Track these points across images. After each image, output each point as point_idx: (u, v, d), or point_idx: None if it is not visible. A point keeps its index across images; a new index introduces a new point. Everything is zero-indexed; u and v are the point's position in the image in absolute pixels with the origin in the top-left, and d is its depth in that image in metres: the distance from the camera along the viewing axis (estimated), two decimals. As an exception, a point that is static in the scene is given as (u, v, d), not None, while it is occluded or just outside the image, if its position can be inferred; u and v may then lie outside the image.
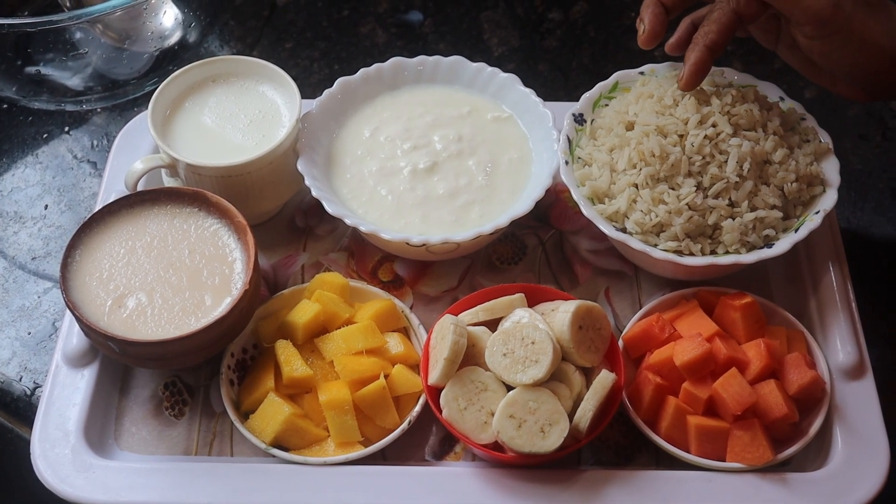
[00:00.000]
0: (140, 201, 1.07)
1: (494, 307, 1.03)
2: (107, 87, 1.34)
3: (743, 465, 0.97)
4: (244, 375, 1.05)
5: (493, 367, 0.96)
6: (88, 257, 1.03)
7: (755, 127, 1.06)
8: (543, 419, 0.94)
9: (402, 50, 1.42)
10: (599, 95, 1.16)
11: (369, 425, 1.00)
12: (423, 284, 1.14)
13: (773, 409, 0.97)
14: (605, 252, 1.16)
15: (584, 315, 0.98)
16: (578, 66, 1.42)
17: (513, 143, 1.17)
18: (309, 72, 1.41)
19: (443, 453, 1.02)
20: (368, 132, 1.18)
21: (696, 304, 1.05)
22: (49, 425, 1.01)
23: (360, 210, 1.12)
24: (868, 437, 0.99)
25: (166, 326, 0.99)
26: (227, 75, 1.18)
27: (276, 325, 1.06)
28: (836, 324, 1.06)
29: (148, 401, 1.06)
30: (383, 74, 1.21)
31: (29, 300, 1.18)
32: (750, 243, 1.04)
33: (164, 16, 1.35)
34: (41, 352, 1.14)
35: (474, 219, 1.11)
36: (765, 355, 0.99)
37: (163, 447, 1.03)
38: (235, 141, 1.14)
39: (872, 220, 1.24)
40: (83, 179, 1.30)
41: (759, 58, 1.41)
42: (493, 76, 1.20)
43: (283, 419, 0.98)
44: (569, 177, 1.09)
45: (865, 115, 1.35)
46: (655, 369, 1.00)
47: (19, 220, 1.26)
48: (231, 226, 1.05)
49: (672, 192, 1.04)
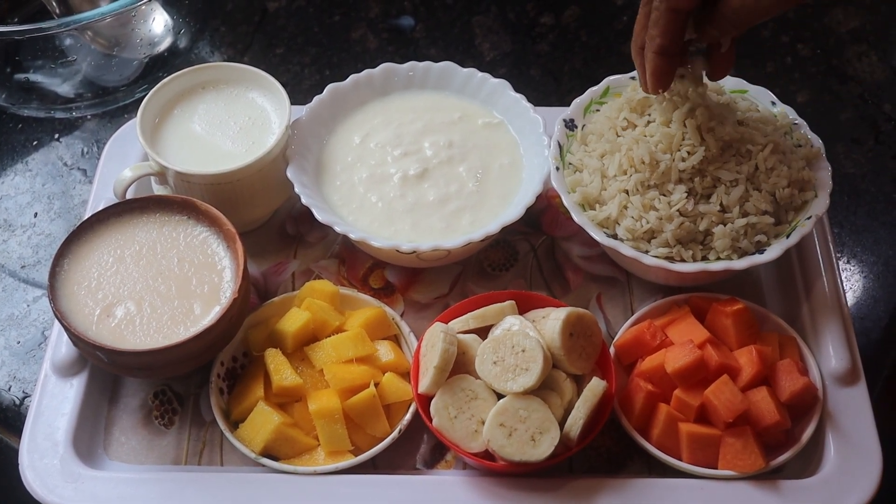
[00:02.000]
0: (129, 209, 1.07)
1: (485, 315, 1.02)
2: (97, 94, 1.34)
3: (735, 473, 0.96)
4: (234, 384, 1.05)
5: (484, 376, 0.96)
6: (77, 266, 1.03)
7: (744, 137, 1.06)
8: (534, 427, 0.93)
9: (394, 55, 1.42)
10: (590, 101, 1.16)
11: (359, 434, 1.00)
12: (414, 291, 1.13)
13: (764, 416, 0.96)
14: (597, 258, 1.16)
15: (575, 322, 0.98)
16: (570, 71, 1.41)
17: (504, 149, 1.17)
18: (300, 77, 1.41)
19: (434, 462, 1.02)
20: (359, 139, 1.18)
21: (687, 311, 1.05)
22: (38, 435, 1.00)
23: (351, 217, 1.12)
24: (861, 444, 0.98)
25: (155, 336, 0.99)
26: (217, 82, 1.18)
27: (266, 333, 1.05)
28: (828, 330, 1.05)
29: (137, 410, 1.05)
30: (374, 80, 1.21)
31: (18, 309, 1.18)
32: (741, 249, 1.04)
33: (154, 22, 1.35)
34: (30, 361, 1.13)
35: (465, 225, 1.10)
36: (756, 362, 0.99)
37: (152, 457, 1.02)
38: (225, 148, 1.13)
39: (865, 225, 1.24)
40: (73, 187, 1.30)
41: (751, 62, 1.41)
42: (483, 81, 1.20)
43: (272, 428, 0.98)
44: (560, 183, 1.09)
45: (858, 119, 1.35)
46: (647, 376, 1.00)
47: (9, 227, 1.26)
48: (220, 234, 1.05)
49: (663, 199, 1.04)
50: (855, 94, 1.38)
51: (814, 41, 1.44)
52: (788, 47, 1.43)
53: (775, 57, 1.42)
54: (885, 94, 1.37)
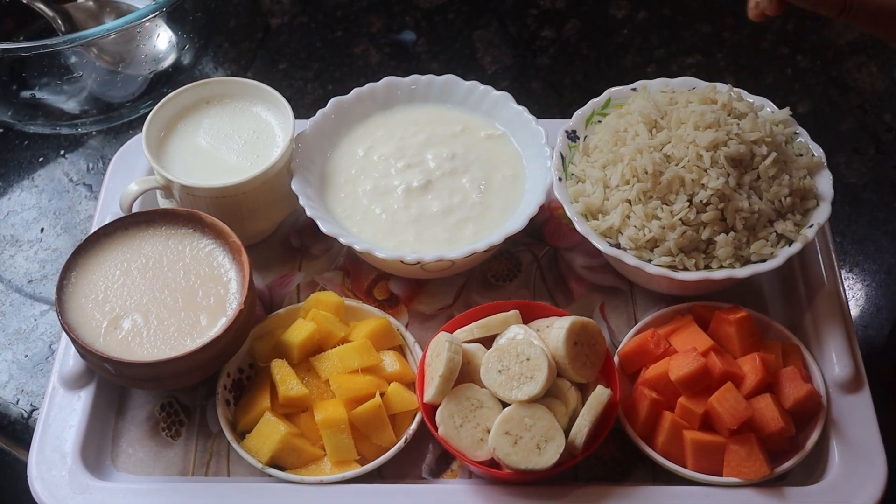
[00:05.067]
0: (135, 223, 1.07)
1: (489, 324, 1.03)
2: (102, 111, 1.35)
3: (740, 480, 0.97)
4: (240, 395, 1.05)
5: (489, 384, 0.96)
6: (84, 279, 1.03)
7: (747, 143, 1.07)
8: (539, 435, 0.94)
9: (396, 69, 1.43)
10: (592, 112, 1.17)
11: (365, 444, 1.00)
12: (418, 302, 1.14)
13: (769, 423, 0.97)
14: (600, 268, 1.16)
15: (579, 331, 0.99)
16: (571, 84, 1.42)
17: (506, 161, 1.18)
18: (303, 92, 1.42)
19: (439, 471, 1.02)
20: (362, 151, 1.19)
21: (690, 319, 1.05)
22: (46, 447, 1.01)
23: (355, 229, 1.12)
24: (865, 451, 0.99)
25: (162, 347, 0.99)
26: (221, 97, 1.19)
27: (271, 344, 1.06)
28: (831, 337, 1.06)
29: (144, 422, 1.06)
30: (376, 94, 1.22)
31: (26, 323, 1.18)
32: (744, 258, 1.04)
33: (159, 38, 1.36)
34: (38, 374, 1.14)
35: (468, 236, 1.11)
36: (760, 369, 0.99)
37: (159, 468, 1.03)
38: (230, 162, 1.14)
39: (867, 234, 1.25)
40: (79, 202, 1.30)
41: (751, 73, 1.42)
42: (485, 94, 1.21)
43: (279, 438, 0.98)
44: (562, 193, 1.09)
45: (859, 128, 1.35)
46: (651, 384, 1.00)
47: (15, 243, 1.26)
48: (226, 246, 1.06)
49: (665, 208, 1.04)
50: (855, 105, 1.38)
51: (813, 53, 1.45)
52: (788, 59, 1.44)
53: (775, 69, 1.43)
54: (885, 105, 1.38)
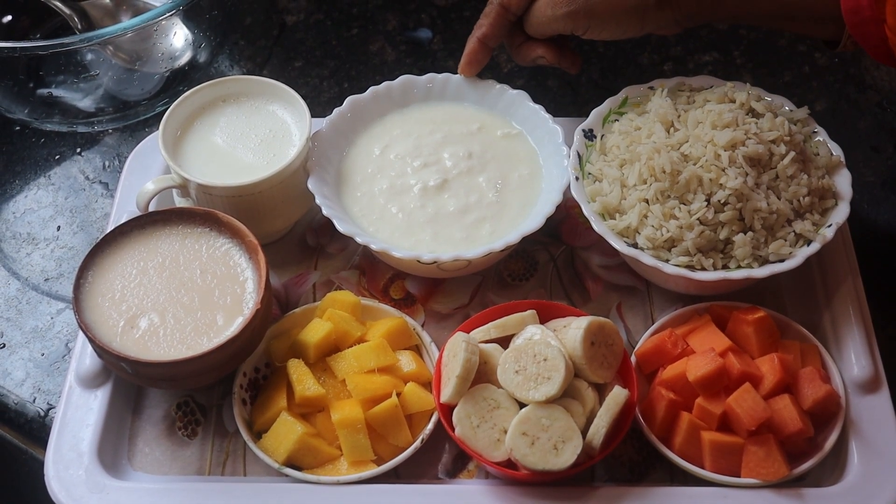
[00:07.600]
0: (151, 222, 1.07)
1: (506, 324, 1.02)
2: (118, 109, 1.35)
3: (758, 481, 0.96)
4: (256, 395, 1.05)
5: (506, 385, 0.96)
6: (101, 278, 1.03)
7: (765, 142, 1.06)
8: (556, 436, 0.93)
9: (412, 67, 1.43)
10: (609, 111, 1.16)
11: (382, 444, 1.00)
12: (435, 302, 1.14)
13: (787, 423, 0.96)
14: (617, 267, 1.16)
15: (597, 331, 0.98)
16: (588, 82, 1.42)
17: (523, 160, 1.17)
18: (319, 90, 1.42)
19: (456, 471, 1.02)
20: (378, 150, 1.18)
21: (708, 319, 1.05)
22: (63, 446, 1.01)
23: (371, 228, 1.12)
24: (884, 451, 0.98)
25: (178, 346, 0.99)
26: (238, 95, 1.19)
27: (287, 344, 1.06)
28: (850, 337, 1.05)
29: (161, 421, 1.06)
30: (393, 92, 1.21)
31: (42, 321, 1.19)
32: (762, 257, 1.04)
33: (175, 36, 1.36)
34: (54, 373, 1.14)
35: (485, 236, 1.11)
36: (778, 370, 0.98)
37: (176, 467, 1.03)
38: (246, 160, 1.14)
39: (886, 233, 1.24)
40: (95, 200, 1.31)
41: (768, 71, 1.41)
42: (502, 93, 1.20)
43: (295, 438, 0.98)
44: (579, 192, 1.09)
45: (877, 127, 1.34)
46: (668, 385, 1.00)
47: (32, 241, 1.27)
48: (242, 245, 1.06)
49: (683, 207, 1.04)
50: (873, 103, 1.37)
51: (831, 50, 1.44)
52: (806, 56, 1.43)
53: (792, 66, 1.42)
54: (903, 103, 1.38)
